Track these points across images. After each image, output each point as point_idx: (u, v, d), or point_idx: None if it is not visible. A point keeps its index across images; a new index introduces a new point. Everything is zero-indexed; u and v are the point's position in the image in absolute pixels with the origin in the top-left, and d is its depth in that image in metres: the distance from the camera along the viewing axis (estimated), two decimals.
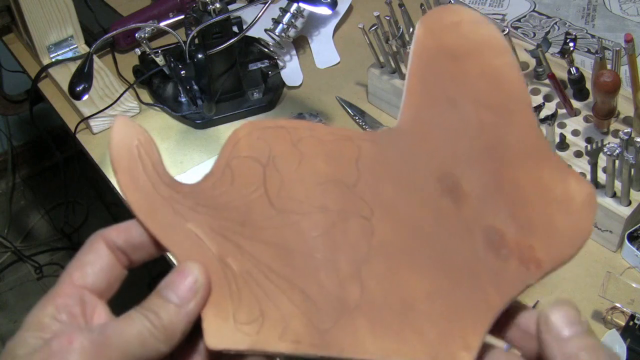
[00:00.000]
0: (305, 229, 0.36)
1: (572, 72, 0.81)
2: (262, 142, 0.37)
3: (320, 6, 0.85)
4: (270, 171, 0.37)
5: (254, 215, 0.36)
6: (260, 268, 0.35)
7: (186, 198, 0.36)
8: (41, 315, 0.33)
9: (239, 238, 0.35)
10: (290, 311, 0.34)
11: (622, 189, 0.73)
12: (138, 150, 0.37)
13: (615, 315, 0.69)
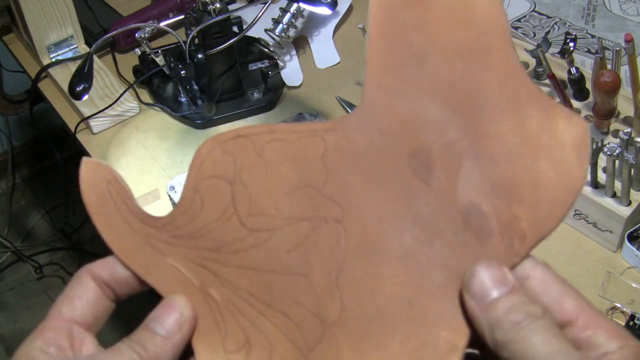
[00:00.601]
0: (277, 246, 0.35)
1: (572, 72, 0.81)
2: (226, 157, 0.35)
3: (320, 6, 0.85)
4: (238, 188, 0.35)
5: (227, 238, 0.35)
6: (240, 295, 0.35)
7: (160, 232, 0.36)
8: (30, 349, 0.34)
9: (216, 266, 0.35)
10: (274, 336, 0.34)
11: (622, 189, 0.73)
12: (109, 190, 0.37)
13: (615, 315, 0.69)
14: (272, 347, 0.34)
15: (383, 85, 0.35)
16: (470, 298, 0.32)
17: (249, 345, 0.34)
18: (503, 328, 0.31)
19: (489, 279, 0.32)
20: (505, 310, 0.31)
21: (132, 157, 0.94)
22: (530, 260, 0.33)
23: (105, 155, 0.94)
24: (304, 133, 0.35)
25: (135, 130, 0.98)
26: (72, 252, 1.86)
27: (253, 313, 0.34)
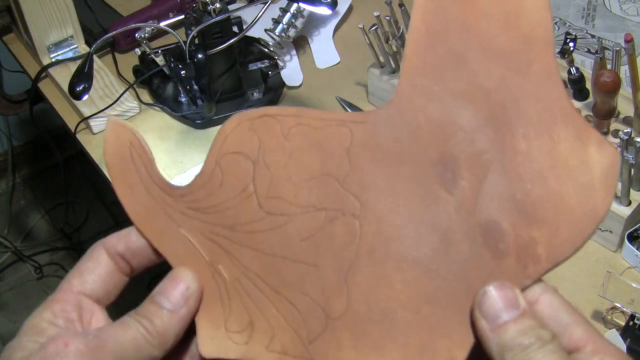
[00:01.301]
0: (292, 233, 0.34)
1: (572, 72, 0.81)
2: (252, 135, 0.35)
3: (320, 6, 0.85)
4: (260, 169, 0.35)
5: (243, 218, 0.35)
6: (249, 276, 0.35)
7: (178, 202, 0.36)
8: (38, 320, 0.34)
9: (228, 244, 0.35)
10: (277, 322, 0.34)
11: (622, 189, 0.73)
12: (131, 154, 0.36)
13: (615, 315, 0.69)
14: (274, 332, 0.34)
15: (418, 85, 0.34)
16: (482, 317, 0.32)
17: (252, 327, 0.34)
18: (512, 350, 0.31)
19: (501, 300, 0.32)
20: (516, 334, 0.31)
21: None
22: (541, 284, 0.34)
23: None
24: (333, 121, 0.35)
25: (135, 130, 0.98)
26: (72, 252, 1.86)
27: (260, 296, 0.34)
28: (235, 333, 0.34)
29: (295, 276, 0.34)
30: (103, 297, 0.36)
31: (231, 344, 0.34)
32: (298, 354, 0.34)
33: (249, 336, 0.34)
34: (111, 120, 0.37)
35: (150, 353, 0.34)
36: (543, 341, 0.31)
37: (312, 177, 0.34)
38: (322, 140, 0.35)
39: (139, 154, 0.36)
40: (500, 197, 0.32)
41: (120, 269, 0.37)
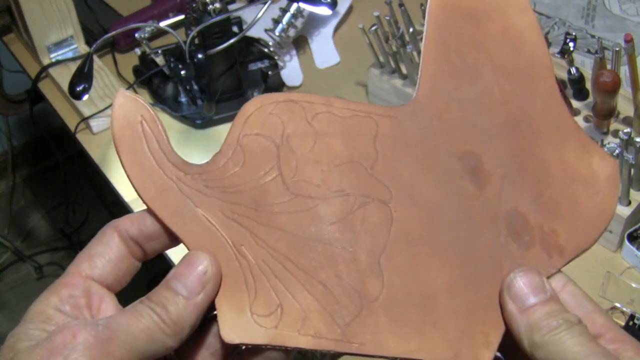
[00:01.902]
0: (323, 215, 0.34)
1: (572, 72, 0.81)
2: (274, 118, 0.35)
3: (320, 6, 0.85)
4: (285, 151, 0.34)
5: (268, 199, 0.34)
6: (276, 257, 0.33)
7: (195, 180, 0.34)
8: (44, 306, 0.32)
9: (253, 224, 0.33)
10: (309, 304, 0.33)
11: (622, 189, 0.73)
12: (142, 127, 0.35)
13: (615, 315, 0.69)
14: (307, 316, 0.33)
15: (439, 89, 0.36)
16: (510, 300, 0.33)
17: (281, 310, 0.33)
18: (541, 331, 0.32)
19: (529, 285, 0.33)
20: (544, 315, 0.32)
21: None
22: (563, 275, 0.35)
23: (105, 155, 0.94)
24: (359, 112, 0.35)
25: None
26: (72, 252, 1.86)
27: (289, 278, 0.33)
28: (263, 317, 0.32)
29: (327, 258, 0.33)
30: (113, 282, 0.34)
31: (258, 327, 0.32)
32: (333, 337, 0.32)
33: (277, 319, 0.32)
34: (121, 93, 0.35)
35: (165, 343, 0.31)
36: (571, 323, 0.32)
37: (340, 163, 0.34)
38: (349, 128, 0.35)
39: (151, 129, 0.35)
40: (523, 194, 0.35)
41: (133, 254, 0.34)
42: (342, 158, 0.35)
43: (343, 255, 0.33)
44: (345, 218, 0.34)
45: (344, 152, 0.35)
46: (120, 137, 0.34)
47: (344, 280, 0.33)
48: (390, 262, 0.34)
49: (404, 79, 0.91)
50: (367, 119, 0.35)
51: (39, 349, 0.30)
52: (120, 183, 0.90)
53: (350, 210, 0.34)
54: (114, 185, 0.90)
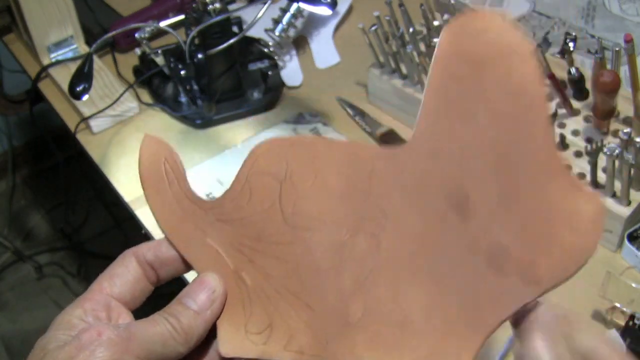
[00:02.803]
0: (315, 245, 0.38)
1: (572, 72, 0.81)
2: (280, 158, 0.39)
3: (320, 6, 0.85)
4: (287, 187, 0.39)
5: (268, 230, 0.38)
6: (271, 283, 0.38)
7: (207, 214, 0.39)
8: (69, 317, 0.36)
9: (253, 253, 0.38)
10: (296, 324, 0.37)
11: (621, 189, 0.73)
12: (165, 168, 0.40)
13: (615, 315, 0.69)
14: (293, 333, 0.37)
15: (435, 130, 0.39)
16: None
17: (271, 329, 0.37)
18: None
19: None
20: None
21: (132, 157, 0.94)
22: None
23: (105, 155, 0.94)
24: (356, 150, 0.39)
25: (135, 130, 0.98)
26: (72, 252, 1.86)
27: (280, 301, 0.37)
28: (255, 334, 0.37)
29: (315, 283, 0.37)
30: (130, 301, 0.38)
31: (250, 344, 0.37)
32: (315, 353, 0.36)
33: (267, 337, 0.37)
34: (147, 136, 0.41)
35: (176, 348, 0.36)
36: None
37: (336, 198, 0.38)
38: (347, 166, 0.39)
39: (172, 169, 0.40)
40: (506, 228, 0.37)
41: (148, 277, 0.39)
42: (337, 193, 0.38)
43: (330, 280, 0.37)
44: (336, 247, 0.38)
45: (340, 189, 0.39)
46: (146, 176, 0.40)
47: (329, 303, 0.37)
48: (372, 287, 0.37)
49: (404, 79, 0.91)
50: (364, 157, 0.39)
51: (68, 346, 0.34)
52: (120, 183, 0.90)
53: (341, 240, 0.38)
54: (114, 185, 0.90)
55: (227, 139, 0.94)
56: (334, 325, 0.37)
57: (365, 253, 0.37)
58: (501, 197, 0.37)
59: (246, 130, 0.95)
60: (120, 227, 1.87)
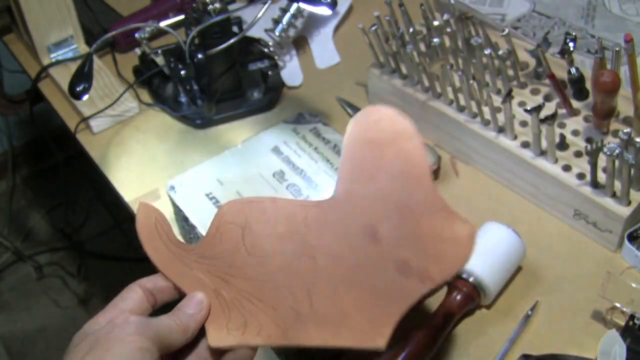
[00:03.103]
0: (271, 267, 0.54)
1: (572, 72, 0.81)
2: (240, 213, 0.56)
3: (320, 6, 0.85)
4: (247, 232, 0.55)
5: (237, 262, 0.54)
6: (243, 295, 0.52)
7: (190, 254, 0.54)
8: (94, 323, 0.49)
9: (227, 277, 0.53)
10: (263, 319, 0.51)
11: (622, 189, 0.73)
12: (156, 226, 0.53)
13: (615, 315, 0.69)
14: (262, 326, 0.51)
15: (349, 189, 0.57)
16: None
17: (245, 325, 0.50)
18: None
19: None
20: None
21: (132, 157, 0.94)
22: None
23: (105, 155, 0.94)
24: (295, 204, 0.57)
25: (135, 130, 0.98)
26: (72, 252, 1.86)
27: (250, 306, 0.51)
28: (234, 330, 0.50)
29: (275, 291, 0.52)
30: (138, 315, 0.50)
31: (231, 337, 0.50)
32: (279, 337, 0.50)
33: (243, 331, 0.50)
34: (142, 203, 0.55)
35: (177, 338, 0.49)
36: None
37: (282, 237, 0.55)
38: (288, 215, 0.56)
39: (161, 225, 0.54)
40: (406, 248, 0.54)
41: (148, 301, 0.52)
42: (282, 233, 0.55)
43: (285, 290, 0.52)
44: (286, 268, 0.53)
45: (283, 230, 0.55)
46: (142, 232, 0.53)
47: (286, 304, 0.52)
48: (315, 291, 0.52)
49: (404, 79, 0.91)
50: (301, 208, 0.56)
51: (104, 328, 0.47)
52: (120, 183, 0.90)
53: (289, 263, 0.53)
54: (114, 185, 0.90)
55: (227, 139, 0.94)
56: (291, 318, 0.51)
57: (307, 270, 0.53)
58: (400, 228, 0.55)
59: (246, 130, 0.95)
60: (120, 227, 1.87)
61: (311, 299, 0.52)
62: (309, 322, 0.51)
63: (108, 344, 0.45)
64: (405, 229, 0.55)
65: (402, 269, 0.53)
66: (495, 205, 0.83)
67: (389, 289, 0.53)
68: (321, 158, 0.80)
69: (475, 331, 0.71)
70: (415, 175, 0.56)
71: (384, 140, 0.57)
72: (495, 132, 0.83)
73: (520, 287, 0.74)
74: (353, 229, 0.55)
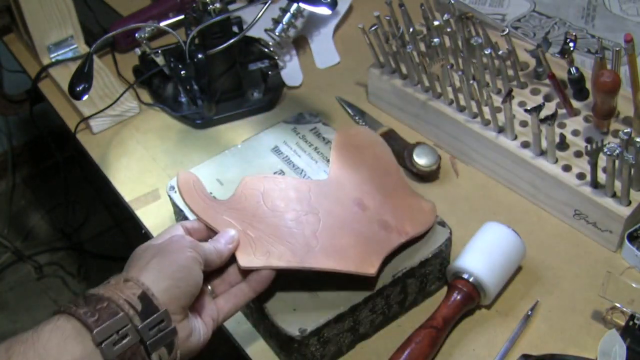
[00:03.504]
0: (286, 218, 0.68)
1: (572, 72, 0.81)
2: (258, 183, 0.71)
3: (320, 6, 0.85)
4: (265, 195, 0.70)
5: (259, 213, 0.68)
6: (265, 233, 0.66)
7: (221, 205, 0.68)
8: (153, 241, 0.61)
9: (252, 222, 0.67)
10: (283, 250, 0.65)
11: (622, 188, 0.73)
12: (193, 184, 0.69)
13: (615, 315, 0.69)
14: (282, 254, 0.65)
15: (339, 175, 0.74)
16: None
17: (269, 253, 0.65)
18: None
19: None
20: None
21: (132, 157, 0.94)
22: None
23: (105, 155, 0.94)
24: (300, 182, 0.73)
25: (135, 130, 0.98)
26: (72, 252, 1.86)
27: (272, 241, 0.66)
28: (260, 255, 0.64)
29: (290, 233, 0.67)
30: None
31: (257, 260, 0.64)
32: (296, 261, 0.65)
33: (267, 257, 0.64)
34: (182, 171, 0.70)
35: (214, 259, 0.61)
36: None
37: (293, 199, 0.70)
38: (296, 188, 0.72)
39: (197, 185, 0.69)
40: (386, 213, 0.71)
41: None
42: (292, 198, 0.70)
43: (298, 232, 0.67)
44: (297, 219, 0.68)
45: (293, 196, 0.71)
46: (183, 188, 0.68)
47: (299, 241, 0.67)
48: (320, 235, 0.68)
49: (404, 79, 0.91)
50: (304, 184, 0.72)
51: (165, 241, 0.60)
52: (120, 183, 0.90)
53: (299, 216, 0.69)
54: (114, 185, 0.90)
55: (227, 139, 0.94)
56: (304, 249, 0.66)
57: (314, 221, 0.68)
58: (381, 201, 0.72)
59: (246, 130, 0.95)
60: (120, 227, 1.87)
61: (318, 239, 0.67)
62: (318, 252, 0.66)
63: (170, 252, 0.58)
64: (384, 202, 0.72)
65: (384, 226, 0.70)
66: (495, 205, 0.83)
67: (375, 237, 0.69)
68: (321, 158, 0.80)
69: (475, 331, 0.71)
70: (387, 169, 0.76)
71: (363, 146, 0.78)
72: (496, 132, 0.83)
73: (520, 287, 0.74)
74: (345, 199, 0.71)
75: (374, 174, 0.75)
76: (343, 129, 0.79)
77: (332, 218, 0.69)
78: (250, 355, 0.71)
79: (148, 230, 0.84)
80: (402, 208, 0.72)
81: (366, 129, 0.81)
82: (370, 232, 0.69)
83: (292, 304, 0.67)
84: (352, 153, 0.76)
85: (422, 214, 0.73)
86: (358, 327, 0.69)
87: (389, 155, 0.78)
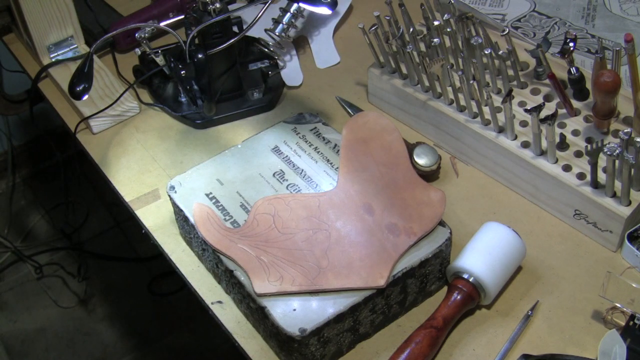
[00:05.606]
0: (297, 240, 0.71)
1: (572, 72, 0.81)
2: (270, 206, 0.74)
3: (320, 6, 0.85)
4: (276, 218, 0.73)
5: (271, 237, 0.72)
6: (277, 258, 0.70)
7: (235, 234, 0.72)
8: None
9: (265, 247, 0.71)
10: (295, 274, 0.68)
11: (622, 189, 0.73)
12: (208, 216, 0.74)
13: (615, 315, 0.69)
14: (294, 278, 0.68)
15: (347, 179, 0.76)
16: None
17: (282, 279, 0.68)
18: None
19: None
20: None
21: (132, 157, 0.94)
22: None
23: (105, 155, 0.94)
24: (309, 196, 0.75)
25: (135, 130, 0.98)
26: (72, 252, 1.86)
27: (284, 265, 0.69)
28: (273, 282, 0.68)
29: (301, 255, 0.70)
30: None
31: (271, 286, 0.68)
32: (307, 285, 0.68)
33: (280, 282, 0.68)
34: (197, 203, 0.75)
35: None
36: None
37: (303, 218, 0.73)
38: (305, 203, 0.74)
39: (212, 216, 0.74)
40: (393, 215, 0.73)
41: None
42: (303, 216, 0.73)
43: (308, 253, 0.70)
44: (307, 239, 0.71)
45: (304, 214, 0.74)
46: (198, 221, 0.73)
47: (310, 263, 0.69)
48: (330, 252, 0.70)
49: (404, 79, 0.91)
50: (313, 198, 0.75)
51: None
52: (120, 183, 0.90)
53: (309, 236, 0.72)
54: (114, 185, 0.90)
55: (227, 139, 0.94)
56: (315, 271, 0.69)
57: (324, 239, 0.71)
58: (389, 200, 0.74)
59: (246, 130, 0.95)
60: (120, 227, 1.87)
61: (328, 257, 0.70)
62: (328, 272, 0.69)
63: None
64: (392, 200, 0.74)
65: (392, 230, 0.72)
66: (495, 205, 0.83)
67: (383, 244, 0.70)
68: (321, 158, 0.80)
69: (475, 331, 0.71)
70: (395, 160, 0.77)
71: (371, 137, 0.78)
72: (496, 132, 0.83)
73: (520, 287, 0.74)
74: (353, 207, 0.74)
75: (383, 169, 0.76)
76: (352, 118, 0.79)
77: (342, 232, 0.72)
78: (250, 355, 0.71)
79: (148, 230, 0.84)
80: (411, 205, 0.73)
81: (375, 113, 0.80)
82: (379, 240, 0.71)
83: (292, 304, 0.66)
84: (360, 149, 0.77)
85: (430, 208, 0.72)
86: (358, 327, 0.69)
87: (398, 142, 0.77)
